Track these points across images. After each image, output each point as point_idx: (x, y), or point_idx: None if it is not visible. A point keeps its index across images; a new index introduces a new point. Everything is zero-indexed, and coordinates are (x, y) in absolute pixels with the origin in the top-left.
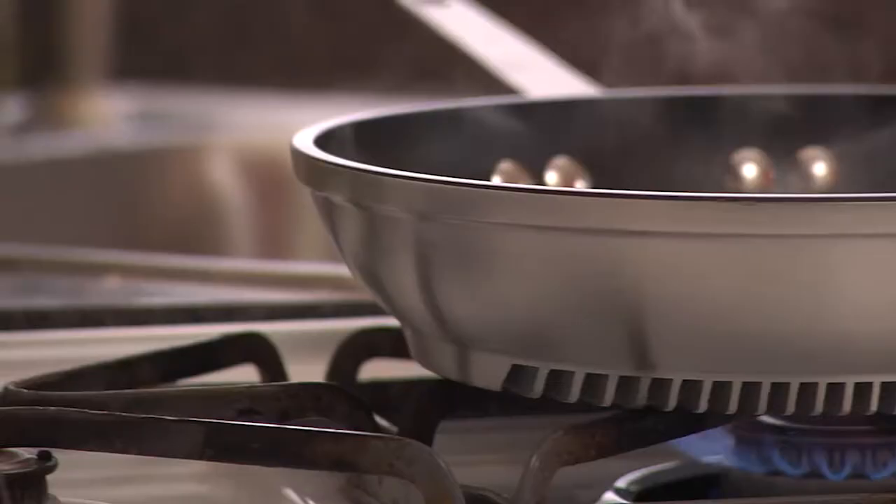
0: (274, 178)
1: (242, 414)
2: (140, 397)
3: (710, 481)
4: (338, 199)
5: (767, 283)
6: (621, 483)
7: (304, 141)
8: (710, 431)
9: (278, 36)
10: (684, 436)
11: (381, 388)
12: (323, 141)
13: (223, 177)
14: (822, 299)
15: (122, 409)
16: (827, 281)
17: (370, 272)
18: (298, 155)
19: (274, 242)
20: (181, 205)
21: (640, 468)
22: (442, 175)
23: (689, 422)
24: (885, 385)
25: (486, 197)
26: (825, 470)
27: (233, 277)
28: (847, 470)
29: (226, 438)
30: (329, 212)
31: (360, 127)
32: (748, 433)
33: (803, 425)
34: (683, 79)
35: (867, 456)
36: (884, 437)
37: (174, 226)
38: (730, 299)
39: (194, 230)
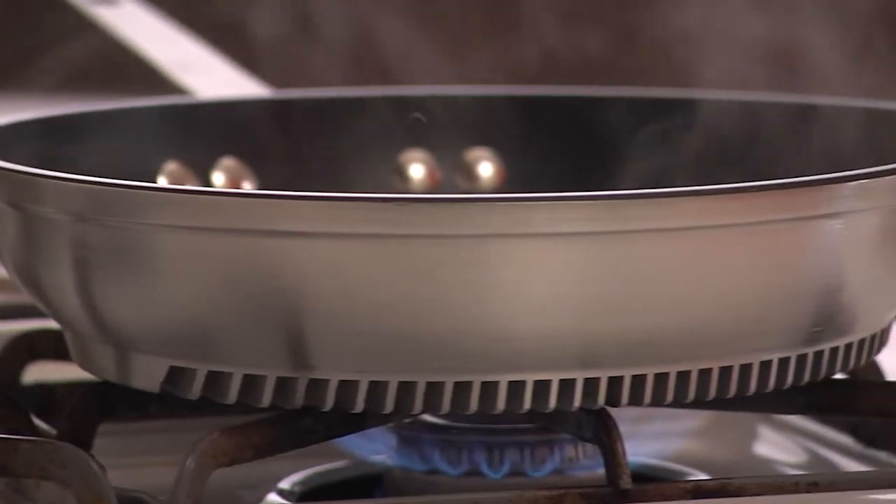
0: None
1: None
2: None
3: (375, 481)
4: None
5: (421, 283)
6: (285, 484)
7: None
8: (376, 431)
9: None
10: (343, 435)
11: (45, 390)
12: None
13: None
14: (475, 299)
15: None
16: (479, 281)
17: (28, 274)
18: None
19: None
20: None
21: (307, 468)
22: (107, 176)
23: (348, 422)
24: (537, 383)
25: (141, 198)
26: (485, 468)
27: None
28: (506, 468)
29: None
30: None
31: (22, 128)
32: (411, 433)
33: (465, 424)
34: (364, 79)
35: (526, 454)
36: (542, 435)
37: None
38: (385, 300)
39: None
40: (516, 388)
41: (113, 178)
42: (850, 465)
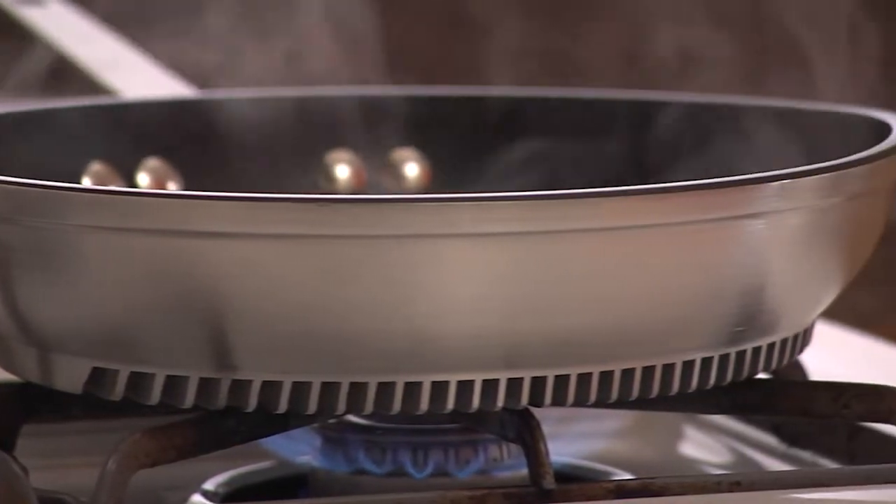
0: None
1: None
2: None
3: (299, 481)
4: None
5: (344, 283)
6: (209, 485)
7: None
8: (300, 432)
9: None
10: (266, 436)
11: None
12: None
13: None
14: (399, 300)
15: None
16: (402, 281)
17: None
18: None
19: None
20: None
21: (231, 469)
22: (31, 177)
23: (271, 422)
24: (461, 384)
25: (62, 199)
26: (409, 468)
27: None
28: (430, 468)
29: None
30: None
31: None
32: (335, 433)
33: (389, 424)
34: (290, 80)
35: (450, 454)
36: (466, 435)
37: None
38: (308, 300)
39: None
40: (440, 388)
41: (37, 179)
42: (774, 465)
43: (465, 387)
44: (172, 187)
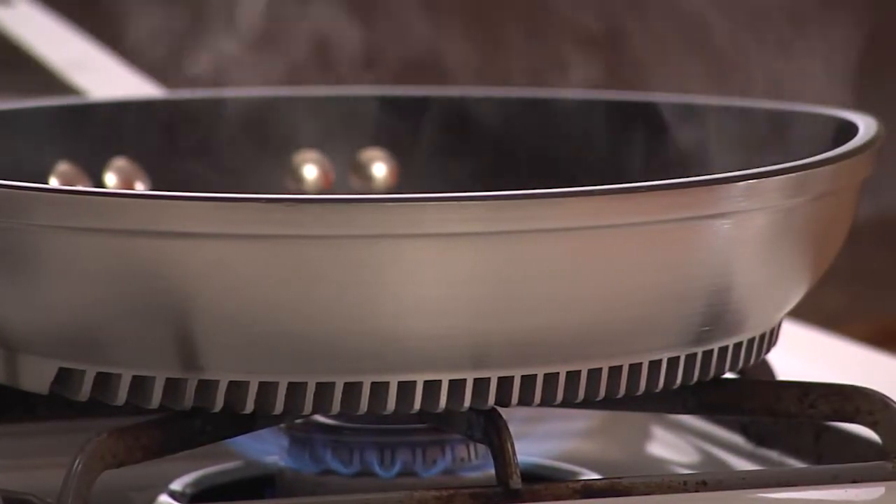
0: None
1: None
2: None
3: (267, 482)
4: None
5: (310, 283)
6: (176, 485)
7: None
8: (267, 432)
9: None
10: (233, 437)
11: None
12: None
13: None
14: (365, 300)
15: None
16: (368, 281)
17: None
18: None
19: None
20: None
21: (198, 469)
22: None
23: (238, 423)
24: (427, 384)
25: (28, 199)
26: (376, 468)
27: None
28: (398, 468)
29: None
30: None
31: None
32: (303, 433)
33: (357, 424)
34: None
35: (417, 454)
36: (434, 435)
37: None
38: (274, 300)
39: None
40: (406, 388)
41: (3, 179)
42: (741, 465)
43: (431, 387)
44: (140, 187)
